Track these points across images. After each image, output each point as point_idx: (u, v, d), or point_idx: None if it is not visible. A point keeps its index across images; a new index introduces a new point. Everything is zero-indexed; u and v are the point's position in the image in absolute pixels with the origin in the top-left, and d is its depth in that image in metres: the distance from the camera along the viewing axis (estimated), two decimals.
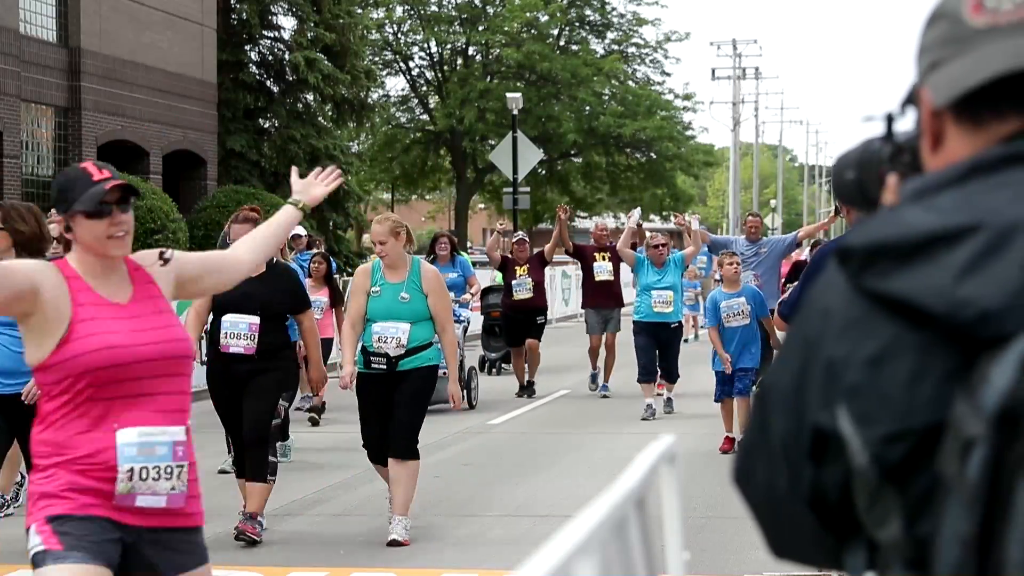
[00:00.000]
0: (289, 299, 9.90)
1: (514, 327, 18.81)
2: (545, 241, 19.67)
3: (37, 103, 28.26)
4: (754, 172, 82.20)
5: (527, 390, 18.72)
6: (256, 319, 9.74)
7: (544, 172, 53.83)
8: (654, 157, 54.63)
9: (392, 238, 9.63)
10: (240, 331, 9.76)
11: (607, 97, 54.18)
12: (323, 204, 43.92)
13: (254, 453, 9.67)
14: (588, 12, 55.28)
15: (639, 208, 19.10)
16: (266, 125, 38.31)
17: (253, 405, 9.67)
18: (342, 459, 13.36)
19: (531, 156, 36.85)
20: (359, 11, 44.46)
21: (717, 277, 16.83)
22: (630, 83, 55.42)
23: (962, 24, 1.61)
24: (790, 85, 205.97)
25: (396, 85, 70.63)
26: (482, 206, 68.63)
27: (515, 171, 35.45)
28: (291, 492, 11.51)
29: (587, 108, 52.98)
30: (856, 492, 1.55)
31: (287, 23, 38.72)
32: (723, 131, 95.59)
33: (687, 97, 56.55)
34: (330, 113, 39.41)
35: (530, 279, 18.61)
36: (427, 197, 64.89)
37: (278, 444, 12.42)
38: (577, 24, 55.44)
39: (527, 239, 19.39)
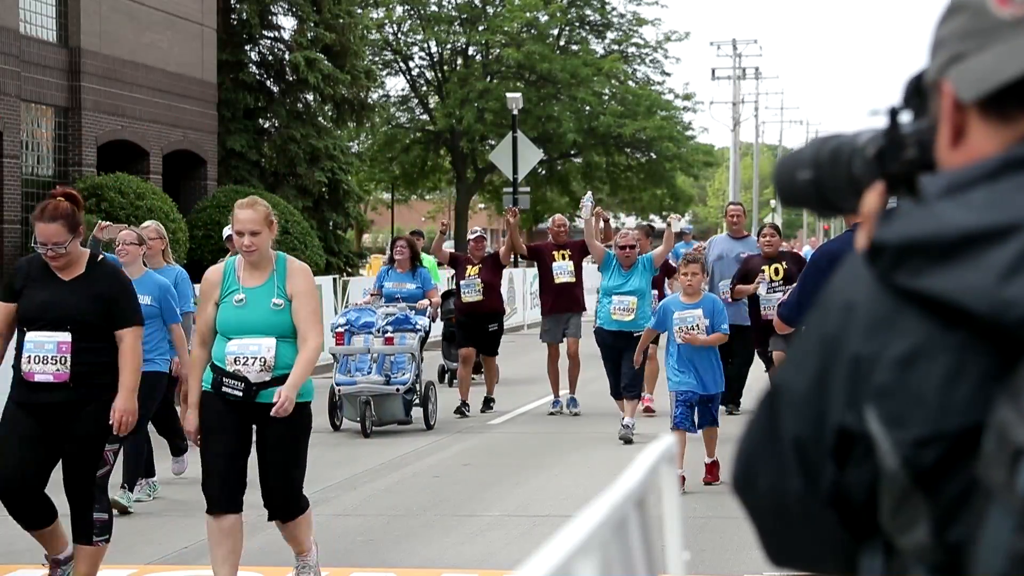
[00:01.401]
0: (104, 308, 7.63)
1: (464, 332, 16.94)
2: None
3: (37, 103, 28.26)
4: (754, 172, 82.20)
5: (486, 404, 16.85)
6: (66, 336, 7.55)
7: (544, 172, 53.87)
8: (654, 157, 54.66)
9: (266, 228, 7.61)
10: (47, 353, 7.56)
11: (607, 97, 54.22)
12: (323, 204, 43.66)
13: (77, 512, 7.72)
14: (588, 12, 55.31)
15: (590, 192, 16.60)
16: (266, 125, 38.33)
17: (70, 459, 7.65)
18: (341, 459, 13.36)
19: (531, 156, 36.86)
20: (359, 11, 44.48)
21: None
22: (630, 83, 55.47)
23: (987, 16, 1.57)
24: (790, 85, 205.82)
25: (396, 85, 70.68)
26: (482, 206, 68.64)
27: (515, 171, 35.46)
28: None
29: (587, 108, 53.01)
30: (881, 495, 1.51)
31: (287, 23, 38.75)
32: (723, 131, 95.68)
33: (687, 97, 56.60)
34: (330, 113, 39.43)
35: (479, 280, 16.70)
36: (427, 197, 64.94)
37: (144, 481, 11.28)
38: (577, 24, 55.48)
39: (485, 236, 17.57)
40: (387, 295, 16.20)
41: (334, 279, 26.40)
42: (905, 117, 1.70)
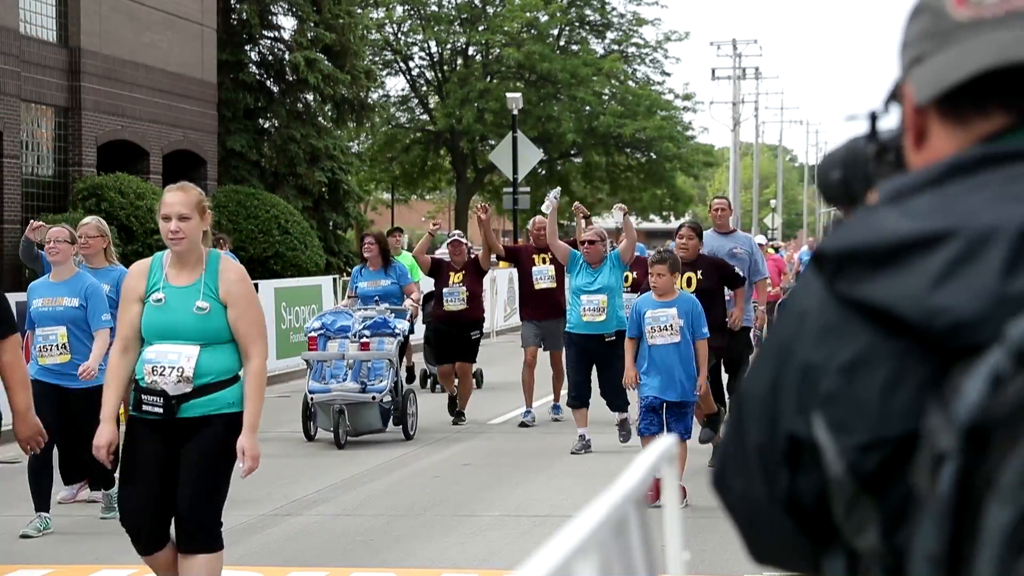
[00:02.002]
0: None
1: (443, 342, 16.19)
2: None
3: (37, 103, 28.26)
4: (754, 172, 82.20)
5: (458, 416, 16.04)
6: None
7: (544, 172, 53.88)
8: (654, 157, 54.69)
9: (196, 214, 6.67)
10: None
11: (607, 97, 54.25)
12: (323, 204, 43.57)
13: None
14: (588, 12, 55.34)
15: (557, 189, 15.53)
16: (266, 125, 38.35)
17: None
18: (341, 459, 13.36)
19: (531, 156, 36.87)
20: (359, 11, 44.49)
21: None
22: (630, 83, 55.50)
23: (945, 17, 1.57)
24: (790, 85, 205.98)
25: (396, 85, 70.66)
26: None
27: (515, 171, 35.46)
28: (291, 492, 11.51)
29: (587, 108, 53.05)
30: (832, 500, 1.52)
31: (287, 23, 38.77)
32: (723, 131, 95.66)
33: (687, 97, 56.63)
34: (330, 113, 39.44)
35: (464, 288, 15.92)
36: (427, 197, 64.96)
37: (103, 494, 10.51)
38: (577, 24, 55.51)
39: (463, 240, 16.71)
40: (363, 295, 15.41)
41: (334, 279, 26.40)
42: (891, 120, 1.71)
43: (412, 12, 53.58)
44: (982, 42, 1.54)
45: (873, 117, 1.71)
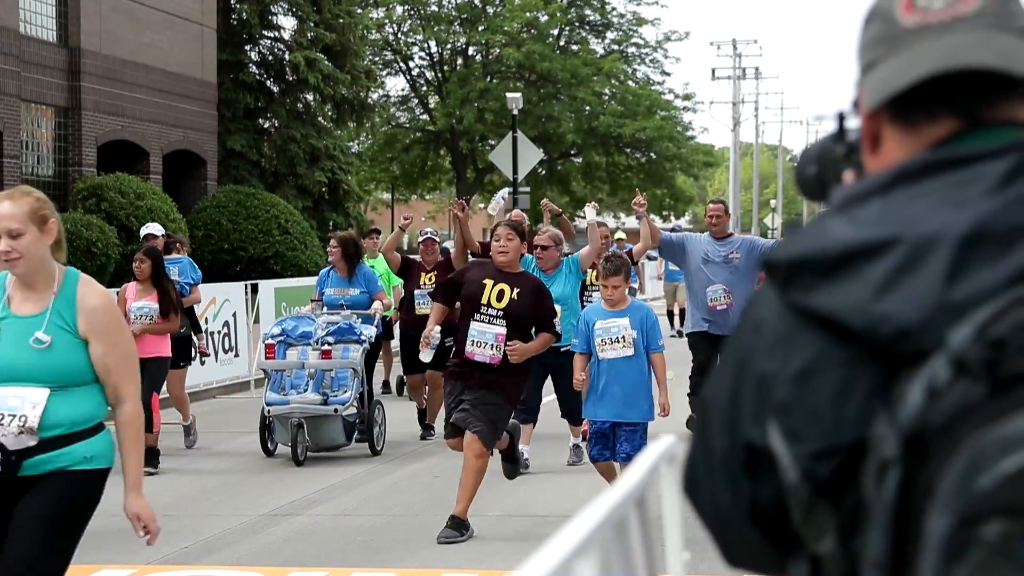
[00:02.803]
0: None
1: (415, 350, 13.58)
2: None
3: (37, 103, 28.27)
4: (754, 172, 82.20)
5: (426, 431, 14.55)
6: None
7: (544, 172, 53.93)
8: (654, 157, 54.74)
9: (33, 226, 5.22)
10: None
11: (607, 97, 54.31)
12: (323, 204, 43.33)
13: None
14: (588, 12, 55.40)
15: (507, 189, 14.16)
16: (266, 125, 38.36)
17: None
18: (340, 460, 13.35)
19: (531, 156, 36.87)
20: (359, 11, 44.52)
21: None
22: (630, 83, 55.55)
23: (894, 24, 1.59)
24: (790, 85, 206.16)
25: (396, 85, 70.80)
26: (482, 206, 68.68)
27: (515, 171, 35.47)
28: (291, 492, 11.51)
29: (587, 108, 53.10)
30: (790, 507, 1.53)
31: (287, 23, 38.80)
32: (723, 131, 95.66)
33: (687, 97, 56.67)
34: (330, 113, 39.46)
35: None
36: (427, 197, 65.01)
37: None
38: (577, 24, 55.56)
39: (436, 238, 15.27)
40: (329, 303, 14.22)
41: None
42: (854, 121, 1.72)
43: (412, 12, 53.64)
44: (928, 48, 1.55)
45: (841, 117, 1.72)
